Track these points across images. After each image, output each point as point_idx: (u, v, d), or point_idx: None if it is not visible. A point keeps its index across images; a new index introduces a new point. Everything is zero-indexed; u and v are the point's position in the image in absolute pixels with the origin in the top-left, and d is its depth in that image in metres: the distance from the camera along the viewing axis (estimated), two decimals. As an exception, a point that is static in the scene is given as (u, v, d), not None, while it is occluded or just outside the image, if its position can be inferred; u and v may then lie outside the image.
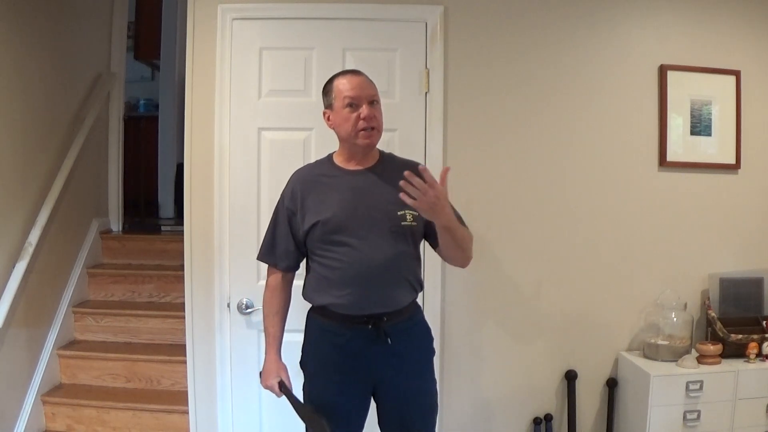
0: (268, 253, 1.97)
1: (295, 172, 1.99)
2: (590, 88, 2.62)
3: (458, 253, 1.94)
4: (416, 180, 1.65)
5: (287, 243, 1.92)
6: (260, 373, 2.02)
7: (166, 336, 3.22)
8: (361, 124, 1.83)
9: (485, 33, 2.57)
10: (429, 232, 1.92)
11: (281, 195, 1.96)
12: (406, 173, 1.65)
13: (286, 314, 1.99)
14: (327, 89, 1.92)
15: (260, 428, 2.57)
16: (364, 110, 1.82)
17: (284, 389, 1.93)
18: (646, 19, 2.64)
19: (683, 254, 2.67)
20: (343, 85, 1.86)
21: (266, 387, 1.97)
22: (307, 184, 1.91)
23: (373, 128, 1.85)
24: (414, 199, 1.65)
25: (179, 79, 4.73)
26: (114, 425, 2.90)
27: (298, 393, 1.96)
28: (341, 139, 1.91)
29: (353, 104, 1.83)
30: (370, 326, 1.82)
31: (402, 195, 1.66)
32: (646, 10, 2.63)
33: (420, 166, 1.71)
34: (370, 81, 1.90)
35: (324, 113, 1.93)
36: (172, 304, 3.36)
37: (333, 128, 1.91)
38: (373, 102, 1.86)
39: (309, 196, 1.88)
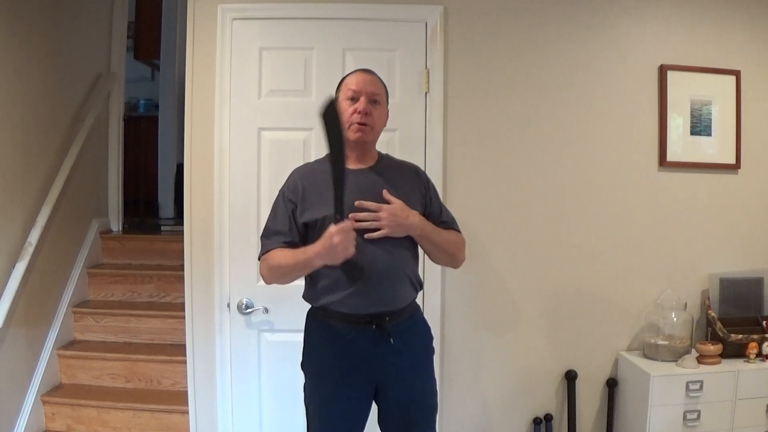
0: (269, 245, 1.89)
1: (295, 169, 1.98)
2: (590, 87, 2.62)
3: (444, 257, 2.00)
4: (364, 215, 1.78)
5: (293, 236, 1.88)
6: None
7: (166, 336, 3.22)
8: (355, 117, 1.84)
9: (485, 33, 2.58)
10: None
11: (280, 190, 1.94)
12: (350, 215, 1.75)
13: None
14: (338, 85, 1.95)
15: (260, 428, 2.57)
16: (360, 104, 1.84)
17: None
18: (646, 19, 2.64)
19: (683, 254, 2.68)
20: (350, 80, 1.91)
21: (344, 237, 1.69)
22: (309, 180, 1.91)
23: (366, 125, 1.85)
24: (380, 229, 1.78)
25: (179, 79, 4.74)
26: (114, 425, 2.90)
27: (299, 393, 1.95)
28: None
29: (354, 98, 1.86)
30: (373, 326, 1.82)
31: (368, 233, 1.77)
32: (646, 10, 2.63)
33: (356, 202, 1.78)
34: (379, 81, 1.92)
35: None
36: (172, 304, 3.36)
37: None
38: (374, 101, 1.87)
39: (311, 192, 1.88)
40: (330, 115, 1.69)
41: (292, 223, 1.88)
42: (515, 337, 2.63)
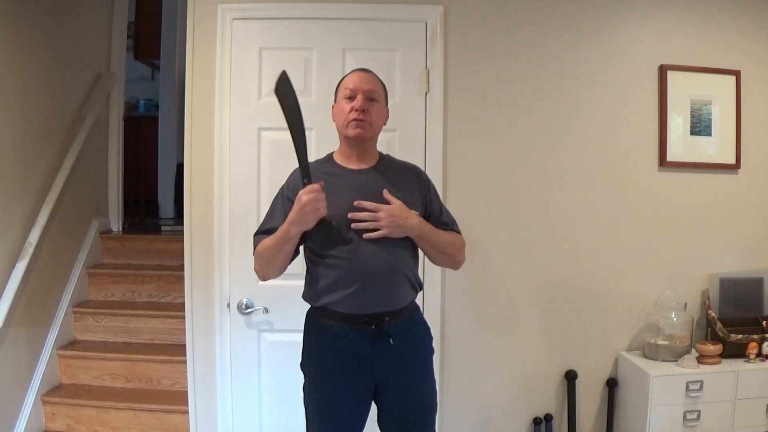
0: (258, 242, 1.90)
1: (296, 169, 1.97)
2: (590, 88, 2.62)
3: (443, 258, 2.00)
4: (363, 215, 1.79)
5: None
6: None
7: (166, 336, 3.22)
8: (352, 114, 1.85)
9: (485, 33, 2.57)
10: None
11: (281, 188, 1.95)
12: (349, 215, 1.78)
13: None
14: (336, 87, 1.96)
15: (260, 428, 2.57)
16: (357, 101, 1.85)
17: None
18: (646, 19, 2.64)
19: (683, 254, 2.67)
20: (348, 78, 1.91)
21: (312, 197, 1.72)
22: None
23: (364, 121, 1.85)
24: (378, 229, 1.78)
25: (179, 79, 4.73)
26: (114, 425, 2.90)
27: (299, 393, 1.96)
28: (338, 132, 1.93)
29: (351, 96, 1.87)
30: (372, 326, 1.82)
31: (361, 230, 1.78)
32: (646, 10, 2.63)
33: (355, 202, 1.79)
34: (376, 79, 1.92)
35: (332, 107, 1.96)
36: (172, 304, 3.36)
37: (334, 121, 1.93)
38: (372, 98, 1.87)
39: None
40: (282, 87, 1.73)
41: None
42: (515, 337, 2.63)
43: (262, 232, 1.92)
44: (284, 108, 1.77)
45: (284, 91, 1.76)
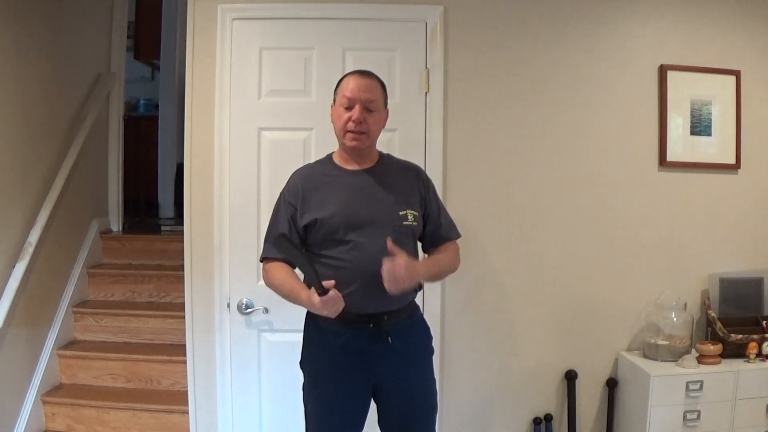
0: (271, 250, 1.93)
1: (295, 172, 1.99)
2: (590, 88, 2.62)
3: (445, 276, 2.08)
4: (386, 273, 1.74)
5: (292, 238, 1.89)
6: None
7: (166, 336, 3.22)
8: (350, 125, 1.85)
9: (485, 33, 2.57)
10: (424, 234, 1.98)
11: (281, 193, 1.96)
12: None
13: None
14: (337, 85, 1.95)
15: (260, 428, 2.57)
16: (354, 113, 1.84)
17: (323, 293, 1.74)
18: (646, 19, 2.64)
19: (683, 254, 2.67)
20: (347, 83, 1.89)
21: (330, 306, 1.74)
22: (309, 182, 1.91)
23: (363, 133, 1.86)
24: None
25: (179, 79, 4.73)
26: (114, 425, 2.91)
27: (299, 393, 1.96)
28: (336, 136, 1.94)
29: (349, 107, 1.86)
30: (371, 325, 1.83)
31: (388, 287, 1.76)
32: (647, 10, 2.63)
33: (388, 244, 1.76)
34: (376, 84, 1.91)
35: (331, 106, 1.96)
36: (172, 304, 3.36)
37: (332, 122, 1.94)
38: (369, 108, 1.86)
39: (311, 194, 1.89)
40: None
41: (291, 227, 1.89)
42: (515, 338, 2.63)
43: (271, 238, 1.92)
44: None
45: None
